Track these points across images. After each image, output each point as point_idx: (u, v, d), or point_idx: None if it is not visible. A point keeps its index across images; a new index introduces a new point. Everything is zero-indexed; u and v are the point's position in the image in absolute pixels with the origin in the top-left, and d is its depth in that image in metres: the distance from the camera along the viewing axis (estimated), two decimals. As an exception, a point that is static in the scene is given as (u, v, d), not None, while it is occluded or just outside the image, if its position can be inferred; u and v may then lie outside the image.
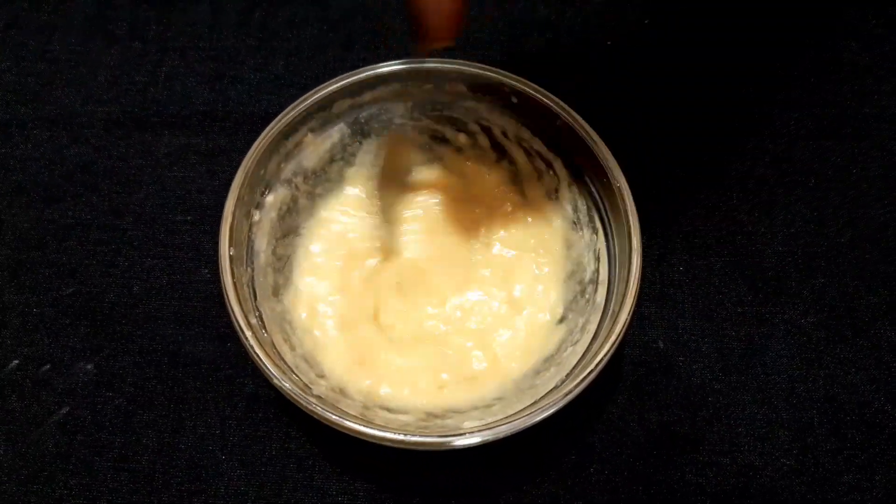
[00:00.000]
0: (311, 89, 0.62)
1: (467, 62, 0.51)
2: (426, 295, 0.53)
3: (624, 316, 0.44)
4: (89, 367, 0.53)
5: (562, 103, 0.50)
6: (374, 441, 0.42)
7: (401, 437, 0.42)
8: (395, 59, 0.64)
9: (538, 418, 0.42)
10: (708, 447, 0.51)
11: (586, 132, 0.49)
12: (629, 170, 0.48)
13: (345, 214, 0.55)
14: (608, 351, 0.43)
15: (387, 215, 0.55)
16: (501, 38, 0.65)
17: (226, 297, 0.45)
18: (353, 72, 0.51)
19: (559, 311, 0.52)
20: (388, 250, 0.54)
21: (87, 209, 0.58)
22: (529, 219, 0.55)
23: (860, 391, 0.53)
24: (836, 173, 0.60)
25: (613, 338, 0.44)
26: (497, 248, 0.54)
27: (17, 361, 0.53)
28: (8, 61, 0.65)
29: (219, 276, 0.46)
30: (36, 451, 0.51)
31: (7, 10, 0.67)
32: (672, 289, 0.56)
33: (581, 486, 0.50)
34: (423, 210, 0.56)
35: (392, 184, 0.55)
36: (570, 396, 0.43)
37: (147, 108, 0.62)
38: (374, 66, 0.51)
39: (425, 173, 0.56)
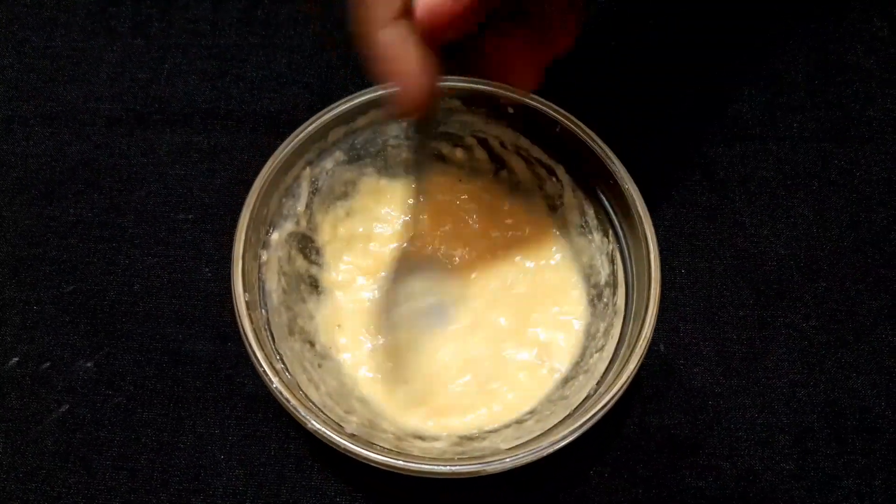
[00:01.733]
0: (314, 87, 0.63)
1: (461, 77, 0.50)
2: (446, 316, 0.52)
3: (650, 319, 0.44)
4: (89, 364, 0.53)
5: (560, 109, 0.49)
6: (414, 474, 0.41)
7: (442, 468, 0.41)
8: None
9: (578, 433, 0.42)
10: (708, 451, 0.51)
11: (588, 136, 0.49)
12: (629, 171, 0.48)
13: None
14: (641, 355, 0.43)
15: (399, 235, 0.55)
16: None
17: (248, 345, 0.43)
18: (346, 98, 0.50)
19: (578, 317, 0.52)
20: (400, 269, 0.53)
21: (88, 207, 0.58)
22: (532, 228, 0.55)
23: (861, 396, 0.52)
24: (839, 176, 0.60)
25: (644, 342, 0.43)
26: (509, 259, 0.54)
27: (16, 359, 0.53)
28: (10, 57, 0.65)
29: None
30: (35, 448, 0.51)
31: (9, 6, 0.67)
32: (674, 291, 0.55)
33: (580, 489, 0.50)
34: (433, 230, 0.55)
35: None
36: (608, 407, 0.42)
37: (149, 105, 0.62)
38: (367, 90, 0.50)
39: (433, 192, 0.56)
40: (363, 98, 0.50)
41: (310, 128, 0.50)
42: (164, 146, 0.61)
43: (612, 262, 0.50)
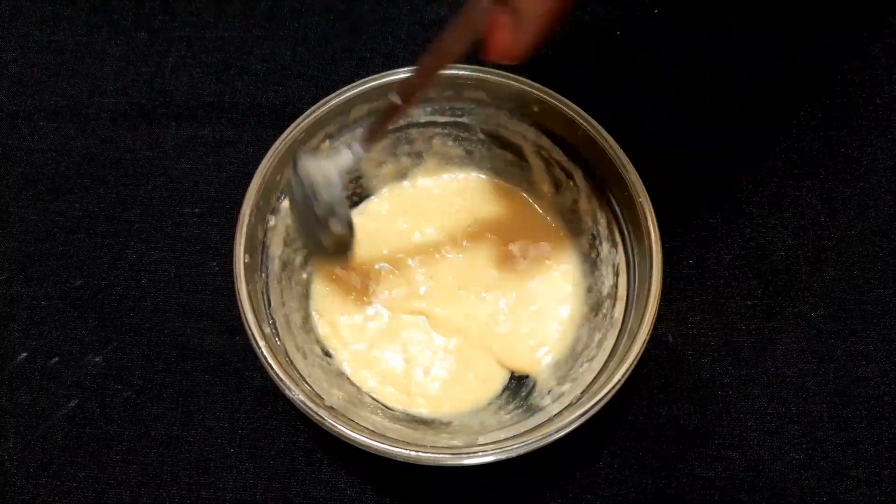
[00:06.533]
0: (319, 79, 0.63)
1: (488, 69, 0.50)
2: (446, 308, 0.52)
3: (642, 336, 0.43)
4: (98, 359, 0.53)
5: (583, 113, 0.49)
6: (386, 456, 0.41)
7: (413, 453, 0.41)
8: (401, 49, 0.64)
9: (552, 438, 0.42)
10: (717, 441, 0.51)
11: (608, 144, 0.48)
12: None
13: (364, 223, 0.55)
14: (627, 370, 0.43)
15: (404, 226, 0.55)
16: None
17: (240, 305, 0.44)
18: (372, 77, 0.50)
19: (574, 325, 0.52)
20: (404, 263, 0.54)
21: (95, 201, 0.58)
22: (546, 233, 0.55)
23: (870, 385, 0.52)
24: (846, 164, 0.59)
25: (631, 358, 0.43)
26: (514, 262, 0.54)
27: (25, 354, 0.53)
28: (13, 52, 0.64)
29: (232, 279, 0.45)
30: (45, 443, 0.51)
31: (11, 1, 0.67)
32: (681, 282, 0.55)
33: (590, 480, 0.50)
34: (441, 223, 0.55)
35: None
36: (585, 417, 0.42)
37: (154, 99, 0.62)
38: (394, 70, 0.50)
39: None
40: (390, 78, 0.50)
41: (333, 101, 0.49)
42: (169, 140, 0.60)
43: (617, 274, 0.49)
